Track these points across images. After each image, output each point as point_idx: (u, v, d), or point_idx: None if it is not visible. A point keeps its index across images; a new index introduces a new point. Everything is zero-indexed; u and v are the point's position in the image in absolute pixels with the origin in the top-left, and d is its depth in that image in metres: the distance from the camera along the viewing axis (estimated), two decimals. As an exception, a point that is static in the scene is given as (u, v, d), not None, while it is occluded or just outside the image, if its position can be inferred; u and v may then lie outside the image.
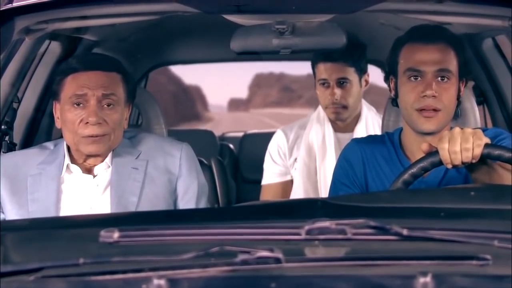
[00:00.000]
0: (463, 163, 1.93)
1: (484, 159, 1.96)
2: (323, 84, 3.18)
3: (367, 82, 3.26)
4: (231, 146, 5.19)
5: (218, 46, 3.66)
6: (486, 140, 1.94)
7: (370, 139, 2.40)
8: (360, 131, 3.19)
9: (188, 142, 4.99)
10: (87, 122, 2.26)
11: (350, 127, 3.24)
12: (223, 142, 5.32)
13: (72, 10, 2.16)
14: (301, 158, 3.21)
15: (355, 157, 2.35)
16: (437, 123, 2.21)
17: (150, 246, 1.35)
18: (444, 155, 1.93)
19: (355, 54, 3.15)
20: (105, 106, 2.29)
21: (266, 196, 3.29)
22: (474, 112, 2.78)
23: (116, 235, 1.32)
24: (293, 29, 2.33)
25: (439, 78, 2.21)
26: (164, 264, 1.24)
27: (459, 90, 2.26)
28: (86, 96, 2.27)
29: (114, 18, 2.31)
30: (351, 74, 3.17)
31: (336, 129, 3.23)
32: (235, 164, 4.97)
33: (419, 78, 2.21)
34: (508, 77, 3.22)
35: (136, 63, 4.65)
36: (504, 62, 3.26)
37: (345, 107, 3.17)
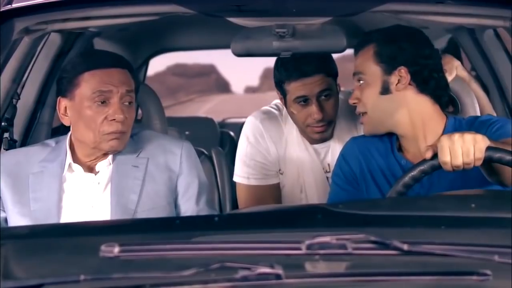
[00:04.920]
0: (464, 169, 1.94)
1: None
2: (301, 101, 2.74)
3: (339, 86, 2.85)
4: (232, 133, 5.18)
5: (218, 34, 3.64)
6: (487, 144, 1.93)
7: (369, 136, 2.41)
8: (340, 136, 2.85)
9: (189, 130, 4.97)
10: (113, 119, 2.24)
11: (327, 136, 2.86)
12: (223, 130, 5.33)
13: (71, 11, 2.16)
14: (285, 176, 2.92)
15: (351, 153, 2.42)
16: None
17: (151, 261, 1.35)
18: (447, 168, 1.94)
19: (325, 60, 2.74)
20: (125, 103, 2.28)
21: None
22: (474, 107, 2.77)
23: (116, 250, 1.32)
24: (293, 32, 2.31)
25: None
26: (164, 281, 1.24)
27: None
28: (111, 93, 2.25)
29: (113, 19, 2.30)
30: (331, 83, 2.77)
31: (311, 141, 2.87)
32: (235, 151, 4.95)
33: None
34: (508, 69, 3.20)
35: (137, 50, 4.64)
36: (505, 53, 3.23)
37: (330, 122, 2.80)
